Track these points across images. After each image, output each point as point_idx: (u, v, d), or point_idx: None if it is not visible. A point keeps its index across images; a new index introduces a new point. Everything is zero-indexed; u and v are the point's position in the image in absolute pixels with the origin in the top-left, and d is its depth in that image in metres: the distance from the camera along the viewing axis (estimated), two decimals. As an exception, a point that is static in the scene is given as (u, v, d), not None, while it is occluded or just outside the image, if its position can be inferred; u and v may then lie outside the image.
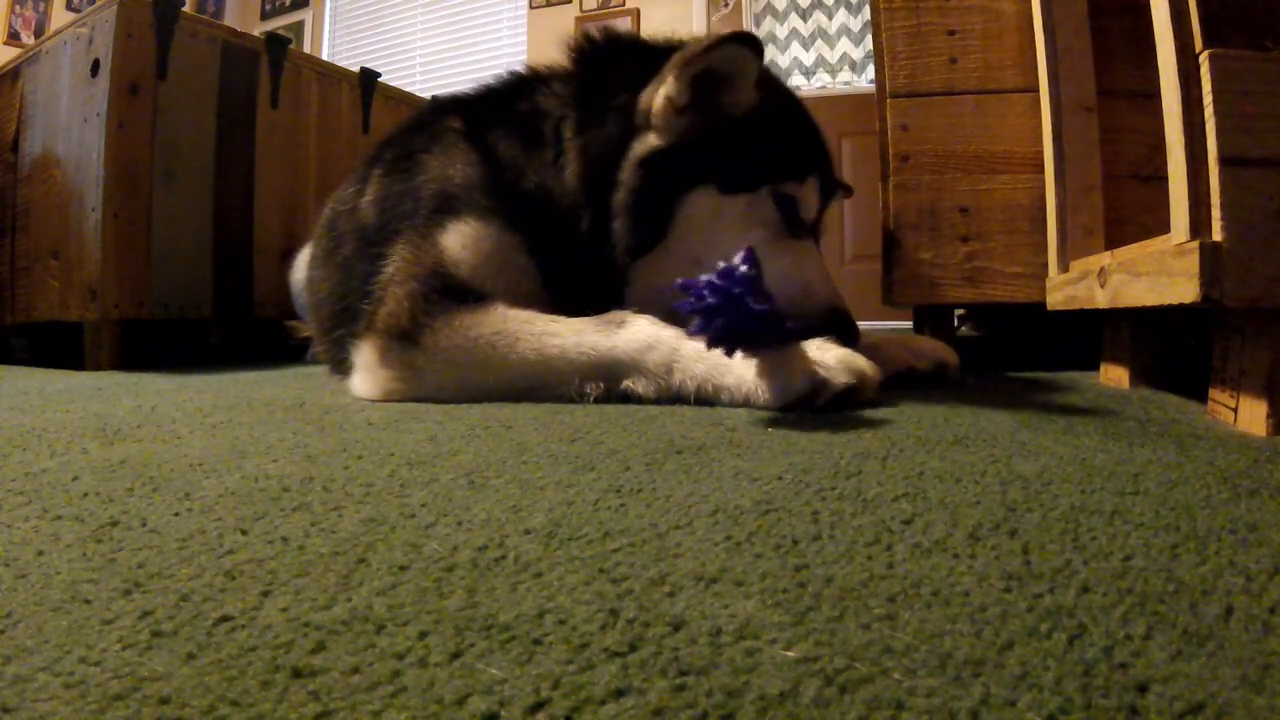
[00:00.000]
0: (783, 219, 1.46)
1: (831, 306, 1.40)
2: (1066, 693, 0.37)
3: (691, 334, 1.13)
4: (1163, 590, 0.49)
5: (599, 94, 1.50)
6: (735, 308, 1.08)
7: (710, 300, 1.09)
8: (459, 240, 1.43)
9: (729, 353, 1.13)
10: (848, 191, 1.83)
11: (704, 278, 1.10)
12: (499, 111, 1.61)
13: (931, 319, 2.31)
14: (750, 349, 1.15)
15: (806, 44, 5.85)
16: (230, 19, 7.48)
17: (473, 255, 1.42)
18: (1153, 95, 1.20)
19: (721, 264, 1.12)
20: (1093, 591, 0.49)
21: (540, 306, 1.38)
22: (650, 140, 1.43)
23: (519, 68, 1.72)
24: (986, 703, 0.37)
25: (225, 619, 0.46)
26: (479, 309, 1.33)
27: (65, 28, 2.66)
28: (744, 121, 1.44)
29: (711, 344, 1.11)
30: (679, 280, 1.13)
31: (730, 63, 1.39)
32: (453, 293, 1.37)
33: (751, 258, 1.13)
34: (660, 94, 1.41)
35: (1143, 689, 0.38)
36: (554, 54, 1.63)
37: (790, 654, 0.41)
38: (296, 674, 0.40)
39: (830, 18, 5.82)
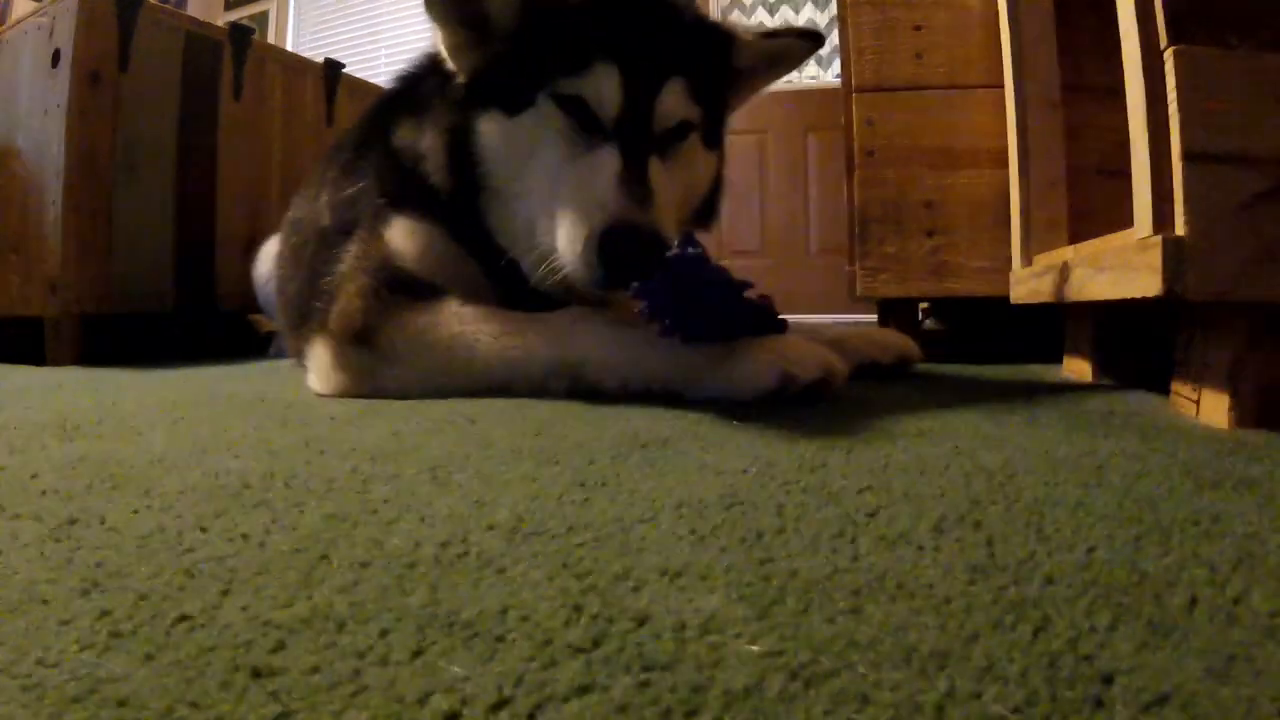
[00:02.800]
0: (577, 125, 1.27)
1: (615, 220, 1.16)
2: (1032, 685, 0.37)
3: (659, 334, 1.13)
4: (1127, 581, 0.50)
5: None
6: (681, 290, 1.09)
7: (660, 296, 1.10)
8: (401, 233, 1.40)
9: (693, 338, 1.13)
10: (811, 40, 1.61)
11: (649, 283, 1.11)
12: (406, 101, 1.55)
13: (896, 312, 2.32)
14: (708, 333, 1.14)
15: (774, 38, 5.85)
16: (194, 8, 7.38)
17: (414, 247, 1.39)
18: (1117, 91, 1.21)
19: (670, 253, 1.11)
20: (1057, 583, 0.50)
21: (485, 294, 1.35)
22: (458, 83, 1.36)
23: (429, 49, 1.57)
24: (952, 695, 0.36)
25: (184, 618, 0.45)
26: (432, 309, 1.30)
27: (26, 17, 2.62)
28: (520, 31, 1.32)
29: (675, 334, 1.12)
30: (634, 285, 1.12)
31: None
32: (403, 287, 1.34)
33: (690, 239, 1.13)
34: (438, 41, 1.36)
35: (1108, 680, 0.38)
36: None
37: (755, 648, 0.41)
38: (256, 674, 0.39)
39: (797, 12, 5.81)
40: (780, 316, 1.19)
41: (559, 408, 1.14)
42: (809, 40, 1.62)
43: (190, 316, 2.81)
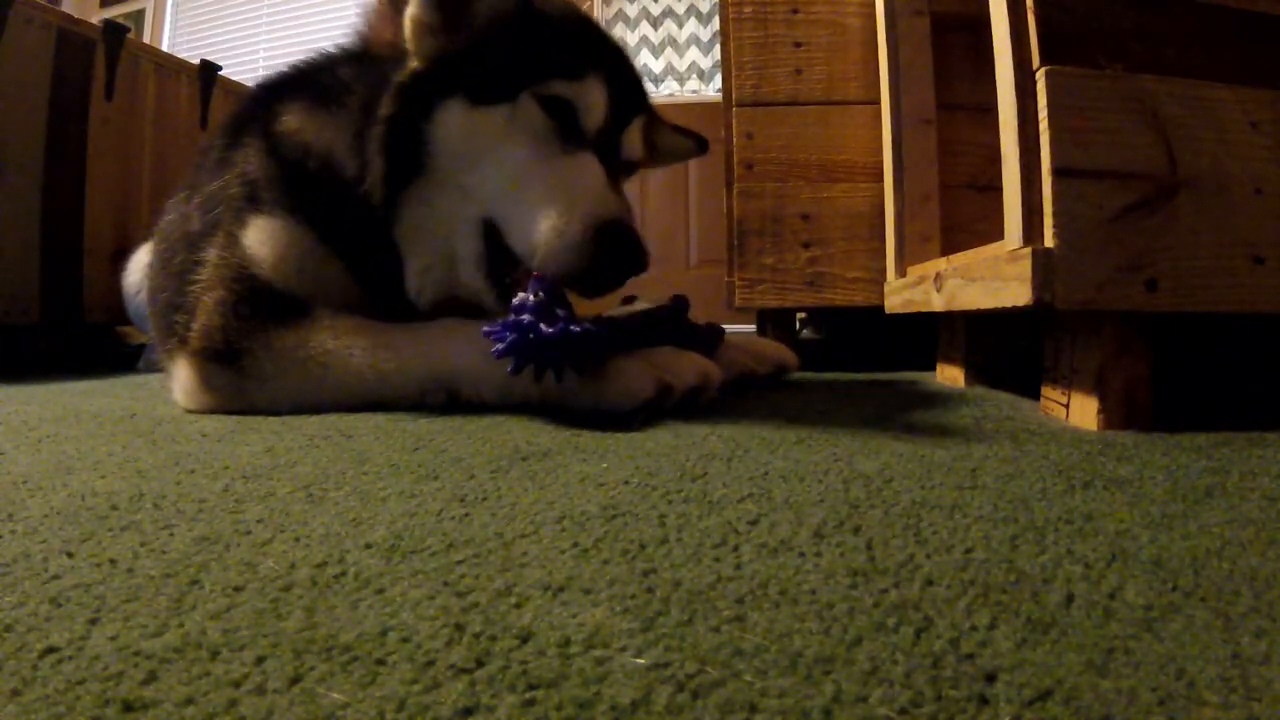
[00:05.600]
0: (557, 129, 1.26)
1: (610, 216, 1.18)
2: (917, 686, 0.37)
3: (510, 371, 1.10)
4: (1005, 580, 0.50)
5: (390, 50, 1.33)
6: (528, 338, 1.07)
7: (510, 335, 1.07)
8: (257, 236, 1.32)
9: (538, 376, 1.11)
10: (701, 146, 1.72)
11: (500, 323, 1.09)
12: (300, 90, 1.45)
13: (774, 322, 2.35)
14: (561, 367, 1.12)
15: (656, 51, 5.89)
16: (67, 4, 7.09)
17: (271, 252, 1.31)
18: (989, 109, 1.25)
19: (515, 301, 1.10)
20: (937, 584, 0.50)
21: (351, 302, 1.30)
22: (409, 67, 1.27)
23: (340, 42, 1.49)
24: (839, 700, 0.36)
25: (51, 650, 0.42)
26: (300, 327, 1.25)
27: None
28: (505, 27, 1.26)
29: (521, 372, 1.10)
30: (484, 327, 1.10)
31: None
32: (263, 298, 1.27)
33: (542, 284, 1.11)
34: (407, 15, 1.27)
35: (991, 678, 0.38)
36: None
37: (641, 661, 0.40)
38: (128, 708, 0.36)
39: (680, 26, 5.88)
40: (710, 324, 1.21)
41: (437, 421, 1.12)
42: (700, 145, 1.71)
43: (56, 329, 2.68)
